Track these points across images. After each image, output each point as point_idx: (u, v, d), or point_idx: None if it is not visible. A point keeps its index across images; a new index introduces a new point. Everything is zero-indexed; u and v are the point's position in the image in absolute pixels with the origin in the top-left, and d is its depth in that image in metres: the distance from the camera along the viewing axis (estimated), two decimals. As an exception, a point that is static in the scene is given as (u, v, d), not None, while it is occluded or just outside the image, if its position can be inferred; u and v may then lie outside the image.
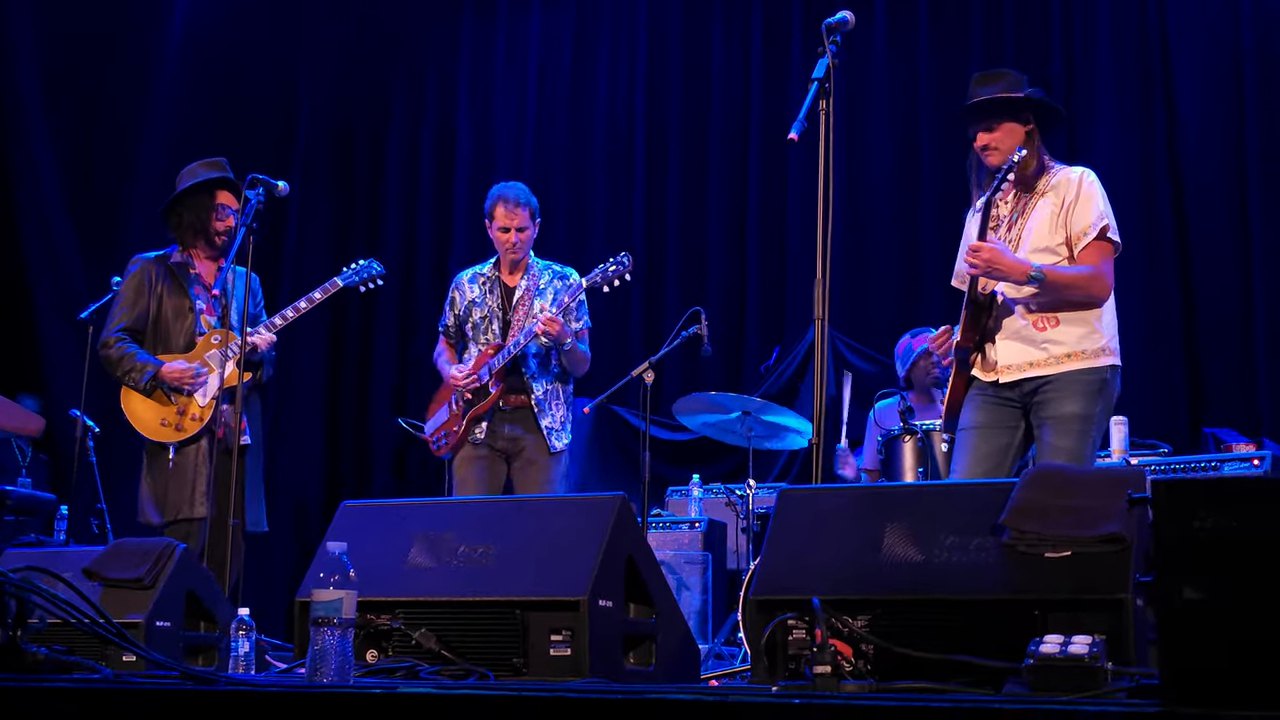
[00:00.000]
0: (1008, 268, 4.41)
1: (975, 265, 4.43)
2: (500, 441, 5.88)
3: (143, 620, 4.05)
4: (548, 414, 5.84)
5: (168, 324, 5.80)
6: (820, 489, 3.55)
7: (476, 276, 6.06)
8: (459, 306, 6.05)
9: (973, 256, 4.43)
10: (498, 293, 5.98)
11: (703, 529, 7.31)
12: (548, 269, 6.02)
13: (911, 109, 8.84)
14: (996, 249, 4.41)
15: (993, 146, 4.59)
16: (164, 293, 5.81)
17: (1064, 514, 2.92)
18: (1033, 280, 4.38)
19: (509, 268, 6.00)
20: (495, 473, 5.90)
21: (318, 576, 2.69)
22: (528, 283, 5.94)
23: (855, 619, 2.99)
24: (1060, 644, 2.64)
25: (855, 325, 8.71)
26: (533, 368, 5.85)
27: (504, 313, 5.93)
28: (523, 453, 5.86)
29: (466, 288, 6.06)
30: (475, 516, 3.63)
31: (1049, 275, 4.39)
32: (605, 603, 3.30)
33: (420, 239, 10.08)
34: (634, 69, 9.79)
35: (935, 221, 8.27)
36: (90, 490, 7.66)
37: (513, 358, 5.77)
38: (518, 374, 5.84)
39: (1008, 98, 4.56)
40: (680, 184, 9.49)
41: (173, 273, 5.84)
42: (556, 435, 5.85)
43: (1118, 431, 6.26)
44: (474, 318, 5.97)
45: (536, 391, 5.84)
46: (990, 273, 4.45)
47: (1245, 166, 7.87)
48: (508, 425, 5.87)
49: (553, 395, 5.88)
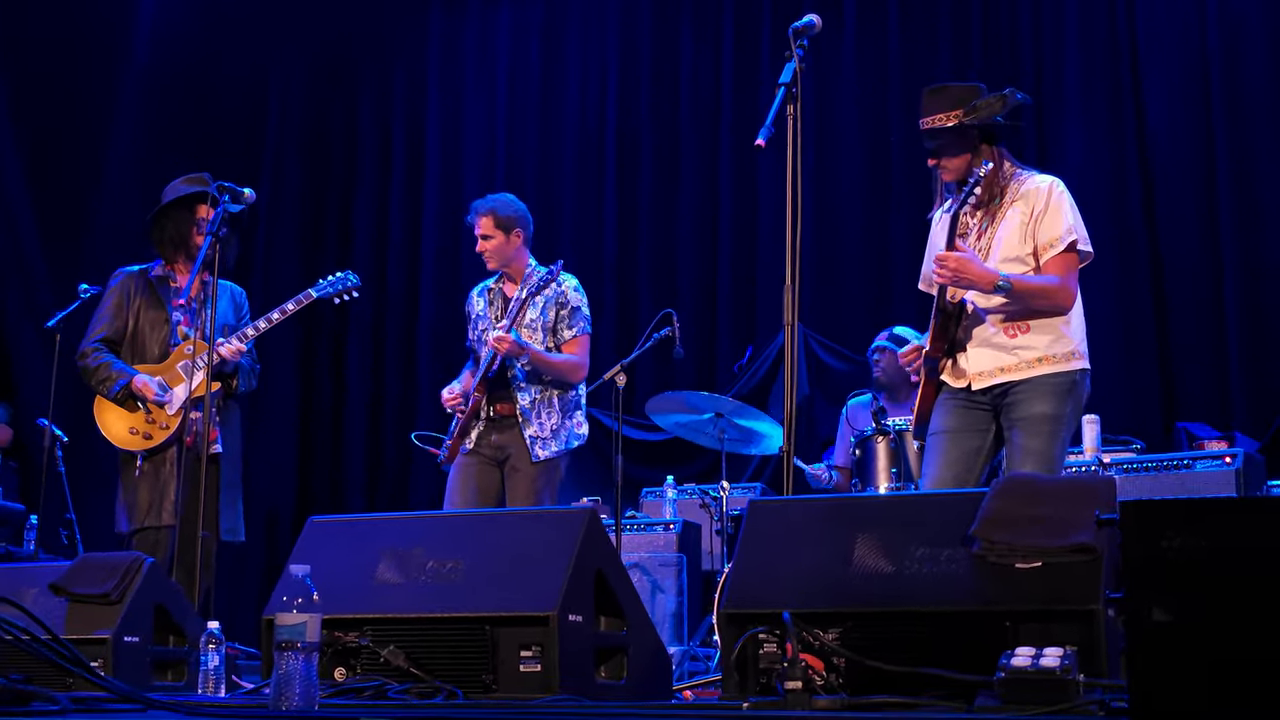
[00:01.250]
0: (975, 276, 4.39)
1: (943, 274, 4.41)
2: (488, 449, 5.84)
3: (110, 636, 4.01)
4: (533, 423, 5.78)
5: (144, 336, 5.82)
6: (791, 500, 3.53)
7: (484, 290, 6.07)
8: (470, 320, 6.06)
9: (940, 266, 4.41)
10: (497, 304, 5.98)
11: (677, 530, 7.29)
12: (535, 271, 5.97)
13: (881, 110, 8.84)
14: (964, 258, 4.39)
15: (943, 166, 4.58)
16: (142, 306, 5.84)
17: (1034, 524, 2.91)
18: (1000, 290, 4.37)
19: (508, 278, 5.99)
20: (485, 480, 5.85)
21: (281, 599, 2.66)
22: (524, 292, 5.91)
23: (826, 632, 2.98)
24: (1032, 657, 2.63)
25: (827, 323, 8.70)
26: (520, 377, 5.80)
27: (498, 322, 5.90)
28: (509, 460, 5.82)
29: (475, 301, 6.08)
30: (444, 531, 3.60)
31: (1016, 285, 4.38)
32: (575, 617, 3.28)
33: (392, 242, 10.03)
34: (605, 71, 9.76)
35: (907, 220, 8.26)
36: (59, 500, 7.59)
37: (501, 365, 5.72)
38: (505, 384, 5.80)
39: (949, 126, 4.51)
40: (651, 184, 9.46)
41: (152, 286, 5.87)
42: (542, 444, 5.78)
43: (1090, 430, 6.27)
44: (478, 329, 5.97)
45: (522, 400, 5.79)
46: (958, 281, 4.43)
47: (1214, 164, 7.89)
48: (495, 433, 5.83)
49: (542, 405, 5.81)
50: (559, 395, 5.86)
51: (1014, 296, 4.39)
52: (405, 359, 9.85)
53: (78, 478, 7.77)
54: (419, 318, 9.85)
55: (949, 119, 4.50)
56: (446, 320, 9.12)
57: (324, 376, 9.96)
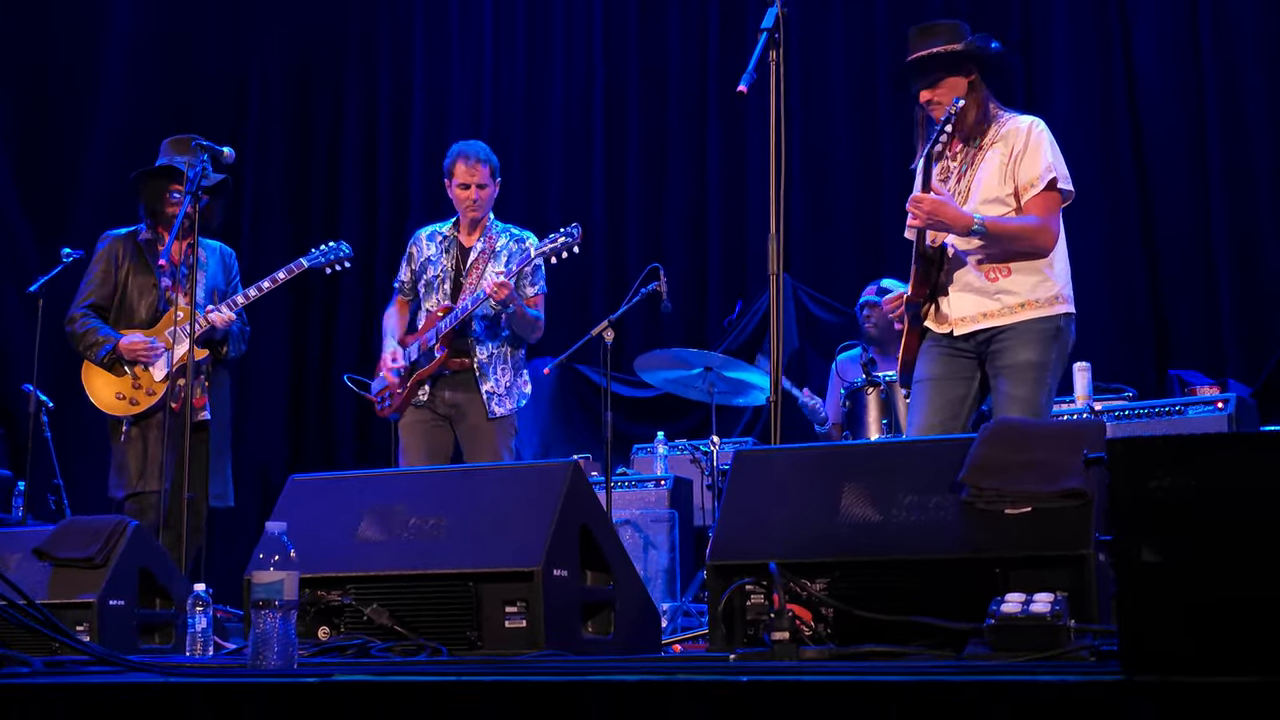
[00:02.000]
0: (950, 219, 4.35)
1: (917, 217, 4.37)
2: (441, 406, 5.74)
3: (95, 600, 3.99)
4: (490, 378, 5.69)
5: (133, 301, 5.81)
6: (776, 450, 3.49)
7: (435, 235, 5.93)
8: (415, 262, 5.93)
9: (914, 208, 4.36)
10: (454, 253, 5.85)
11: (668, 486, 7.26)
12: (505, 231, 5.88)
13: (869, 58, 8.76)
14: (939, 200, 4.35)
15: (935, 101, 4.52)
16: (130, 270, 5.83)
17: (1023, 469, 2.87)
18: (974, 233, 4.32)
19: (468, 228, 5.86)
20: (438, 438, 5.76)
21: (258, 557, 2.61)
22: (483, 244, 5.81)
23: (814, 582, 2.94)
24: (1022, 603, 2.59)
25: (817, 275, 8.65)
26: (478, 330, 5.71)
27: (456, 274, 5.80)
28: (466, 419, 5.72)
29: (425, 244, 5.93)
30: (425, 487, 3.56)
31: (991, 227, 4.33)
32: (560, 572, 3.24)
33: (381, 207, 9.95)
34: (590, 24, 9.66)
35: (896, 171, 8.18)
36: (47, 466, 7.55)
37: (460, 321, 5.64)
38: (463, 337, 5.71)
39: (944, 52, 4.48)
40: (639, 139, 9.39)
41: (140, 250, 5.86)
42: (498, 401, 5.68)
43: (1081, 377, 6.24)
44: (427, 275, 5.84)
45: (480, 355, 5.69)
46: (931, 224, 4.39)
47: (1204, 108, 7.83)
48: (448, 390, 5.72)
49: (498, 360, 5.73)
50: (512, 352, 5.78)
51: (990, 239, 4.34)
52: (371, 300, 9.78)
53: (64, 443, 7.71)
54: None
55: (946, 49, 4.47)
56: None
57: (314, 339, 9.90)
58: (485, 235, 5.82)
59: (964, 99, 4.44)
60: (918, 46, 4.56)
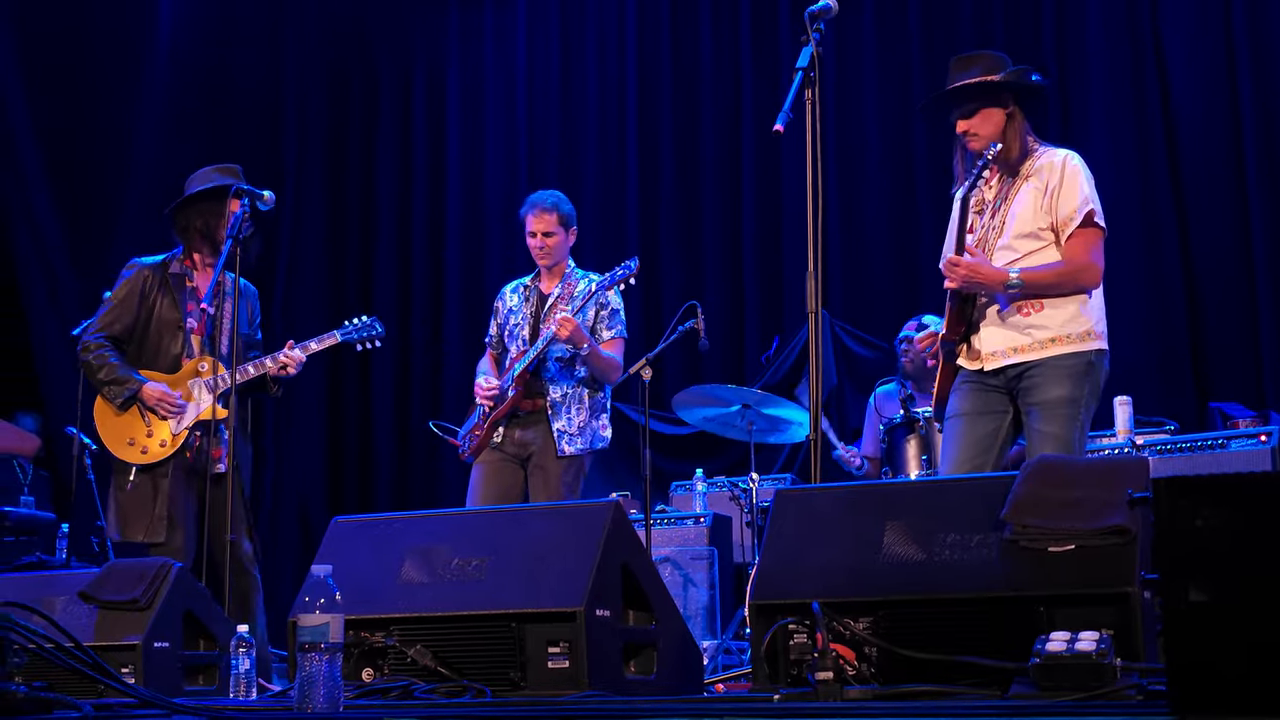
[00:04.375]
0: (986, 279, 4.35)
1: (953, 279, 4.36)
2: (511, 446, 5.82)
3: (140, 642, 4.01)
4: (562, 417, 5.76)
5: (156, 340, 5.58)
6: (817, 489, 3.49)
7: (519, 287, 6.08)
8: (500, 315, 6.06)
9: (950, 271, 4.36)
10: (534, 300, 5.97)
11: (708, 524, 7.25)
12: (585, 277, 5.99)
13: (904, 93, 8.76)
14: (973, 263, 4.34)
15: (972, 132, 4.51)
16: (157, 305, 5.58)
17: (1066, 507, 2.86)
18: (1011, 287, 4.32)
19: (547, 276, 6.00)
20: (509, 478, 5.83)
21: (304, 601, 2.63)
22: (561, 289, 5.91)
23: (857, 621, 2.94)
24: (1067, 641, 2.59)
25: (854, 311, 8.64)
26: (553, 370, 5.80)
27: (535, 320, 5.90)
28: (533, 457, 5.80)
29: (509, 297, 6.08)
30: (468, 528, 3.57)
31: (1027, 279, 4.32)
32: (603, 612, 3.24)
33: (415, 241, 10.00)
34: (624, 63, 9.70)
35: (931, 204, 8.20)
36: (90, 508, 7.60)
37: (536, 361, 5.72)
38: (538, 378, 5.79)
39: (983, 82, 4.48)
40: (674, 177, 9.41)
41: (169, 284, 5.61)
42: (569, 440, 5.75)
43: (1122, 411, 6.20)
44: (510, 325, 5.96)
45: (554, 394, 5.78)
46: (968, 287, 4.39)
47: (1242, 139, 7.79)
48: (519, 430, 5.81)
49: (573, 399, 5.80)
50: (589, 394, 5.85)
51: (1029, 290, 4.33)
52: (431, 356, 9.82)
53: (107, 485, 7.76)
54: (444, 314, 9.83)
55: (985, 79, 4.47)
56: (471, 318, 9.11)
57: (351, 377, 9.93)
58: (564, 281, 5.94)
59: (1001, 141, 4.43)
60: (956, 76, 4.55)
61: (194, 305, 5.58)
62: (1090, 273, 4.37)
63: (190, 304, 5.60)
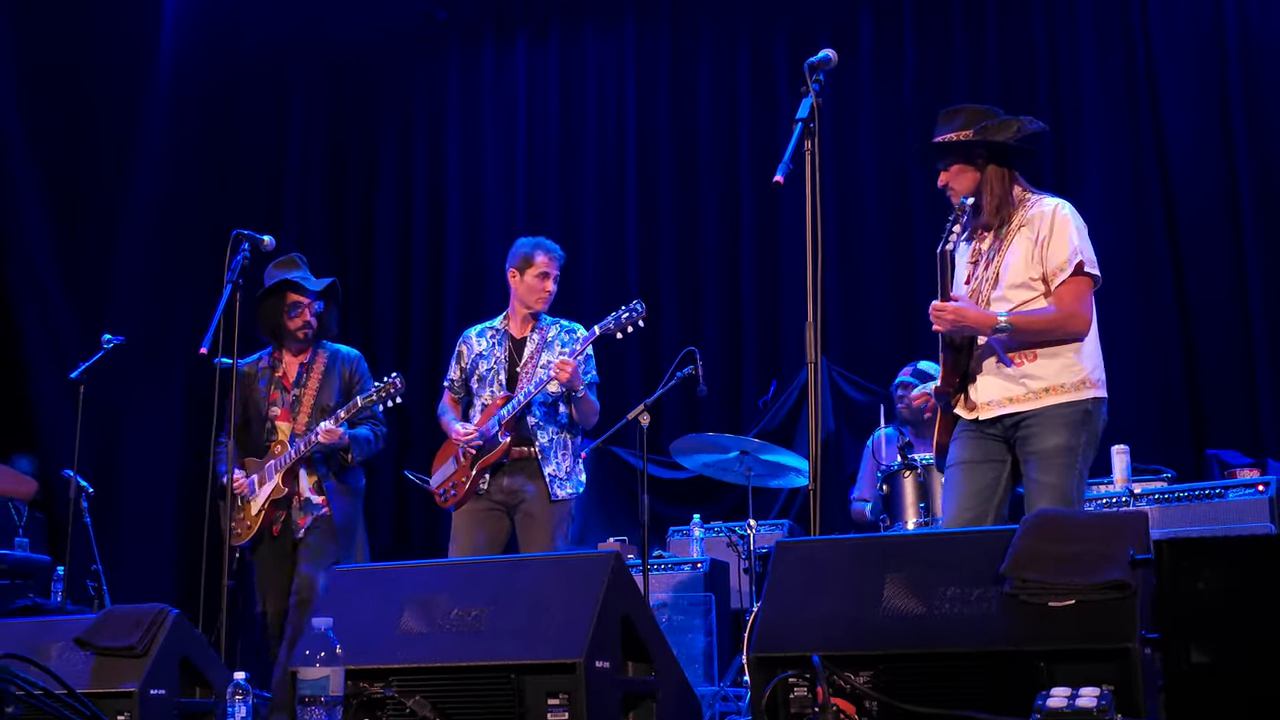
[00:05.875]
0: (973, 322, 4.34)
1: (940, 323, 4.37)
2: (499, 493, 5.81)
3: (136, 689, 4.00)
4: (551, 462, 5.79)
5: (256, 432, 6.02)
6: (817, 541, 3.49)
7: (485, 330, 6.06)
8: (466, 360, 6.03)
9: (937, 316, 4.36)
10: (506, 345, 5.96)
11: (705, 569, 7.23)
12: (555, 324, 6.01)
13: (900, 142, 8.80)
14: (960, 307, 4.35)
15: (950, 187, 4.54)
16: (250, 399, 6.02)
17: (1065, 561, 2.86)
18: (1000, 331, 4.32)
19: (519, 321, 5.99)
20: (494, 526, 5.83)
21: (304, 653, 2.63)
22: (538, 336, 5.91)
23: (857, 675, 2.94)
24: (1068, 697, 2.58)
25: (851, 357, 8.65)
26: (538, 416, 5.81)
27: (511, 365, 5.89)
28: (523, 504, 5.78)
29: (475, 342, 6.05)
30: (468, 578, 3.57)
31: (1017, 323, 4.32)
32: (602, 664, 3.24)
33: (415, 288, 10.01)
34: (623, 110, 9.74)
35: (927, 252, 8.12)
36: (86, 552, 7.58)
37: (521, 408, 5.72)
38: (523, 424, 5.79)
39: (952, 141, 4.50)
40: (673, 224, 9.44)
41: (256, 378, 6.06)
42: (560, 484, 5.78)
43: (1119, 459, 6.20)
44: (479, 371, 5.95)
45: (541, 439, 5.79)
46: (956, 331, 4.39)
47: (1238, 185, 7.83)
48: (508, 477, 5.81)
49: (559, 445, 5.83)
50: (571, 438, 5.89)
51: (1018, 334, 4.33)
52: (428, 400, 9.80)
53: (104, 529, 7.76)
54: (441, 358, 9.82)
55: (956, 136, 4.49)
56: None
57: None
58: (538, 328, 5.95)
59: (973, 194, 4.45)
60: (939, 129, 4.58)
61: (278, 393, 6.01)
62: (1077, 321, 4.36)
63: (274, 393, 6.03)
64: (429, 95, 10.28)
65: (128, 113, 9.64)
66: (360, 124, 10.37)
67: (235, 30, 10.06)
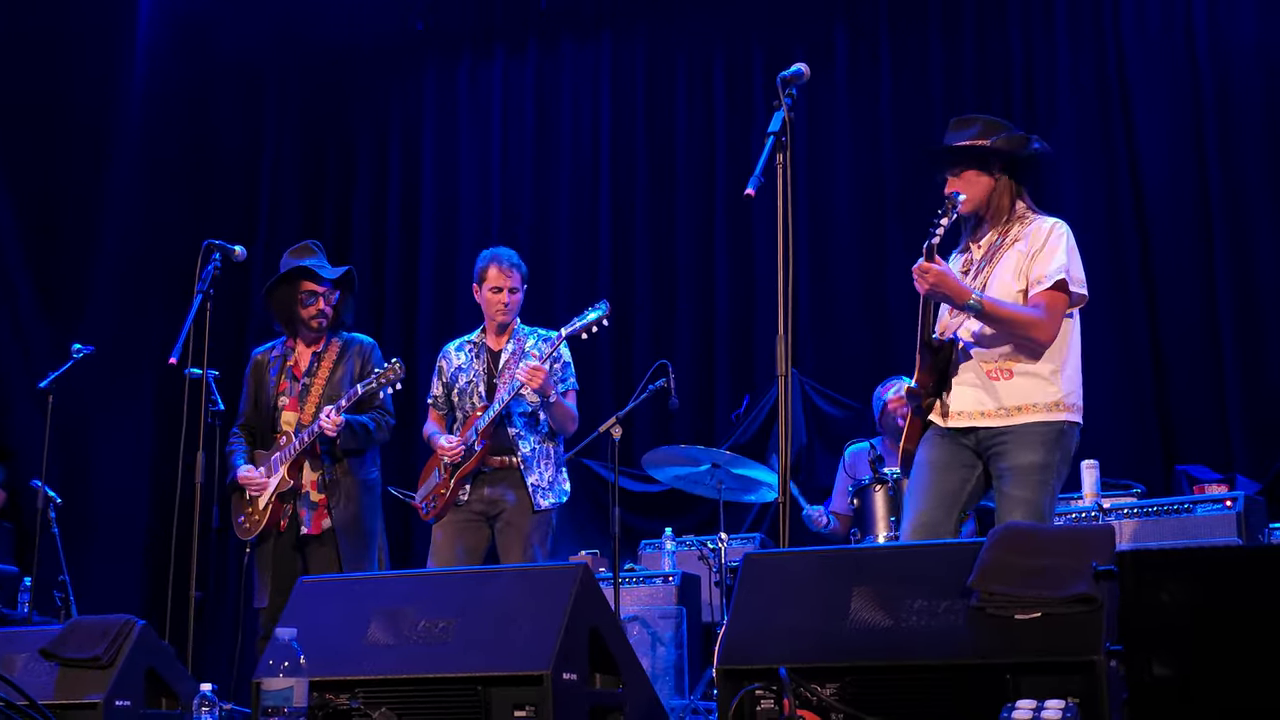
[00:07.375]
0: (951, 290, 4.33)
1: (921, 282, 4.36)
2: (479, 503, 5.79)
3: (101, 700, 3.98)
4: (534, 471, 5.76)
5: (267, 422, 5.93)
6: (786, 553, 3.49)
7: (464, 344, 6.04)
8: (446, 375, 6.01)
9: (919, 275, 4.35)
10: (483, 357, 5.94)
11: (676, 583, 7.23)
12: (533, 333, 5.99)
13: (875, 158, 8.83)
14: (942, 271, 4.34)
15: (959, 193, 4.53)
16: (263, 387, 5.96)
17: (1033, 574, 2.86)
18: (970, 307, 4.32)
19: (495, 332, 5.97)
20: (473, 536, 5.79)
21: (268, 664, 2.61)
22: (515, 345, 5.90)
23: (824, 687, 2.93)
24: (1033, 710, 2.59)
25: (825, 371, 8.65)
26: (519, 425, 5.79)
27: (489, 376, 5.87)
28: (503, 514, 5.76)
29: (454, 355, 6.03)
30: (435, 589, 3.56)
31: (988, 306, 4.33)
32: (569, 675, 3.23)
33: (389, 301, 9.98)
34: (598, 122, 9.75)
35: (901, 265, 8.18)
36: (53, 562, 7.53)
37: (499, 416, 5.70)
38: (503, 433, 5.77)
39: (972, 146, 4.50)
40: (646, 235, 9.44)
41: (267, 368, 5.99)
42: (543, 494, 5.75)
43: (1089, 475, 6.23)
44: (459, 384, 5.93)
45: (523, 449, 5.77)
46: (933, 294, 4.38)
47: (1209, 207, 7.87)
48: (488, 487, 5.78)
49: (541, 454, 5.81)
50: (553, 447, 5.87)
51: (986, 318, 4.34)
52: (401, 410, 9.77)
53: (71, 539, 7.70)
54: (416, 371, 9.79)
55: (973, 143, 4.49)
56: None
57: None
58: (514, 338, 5.94)
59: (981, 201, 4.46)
60: (953, 135, 4.58)
61: (288, 383, 5.91)
62: (1041, 328, 4.35)
63: (284, 382, 5.92)
64: (405, 103, 10.27)
65: (101, 118, 9.60)
66: (336, 130, 10.35)
67: (210, 34, 10.01)
